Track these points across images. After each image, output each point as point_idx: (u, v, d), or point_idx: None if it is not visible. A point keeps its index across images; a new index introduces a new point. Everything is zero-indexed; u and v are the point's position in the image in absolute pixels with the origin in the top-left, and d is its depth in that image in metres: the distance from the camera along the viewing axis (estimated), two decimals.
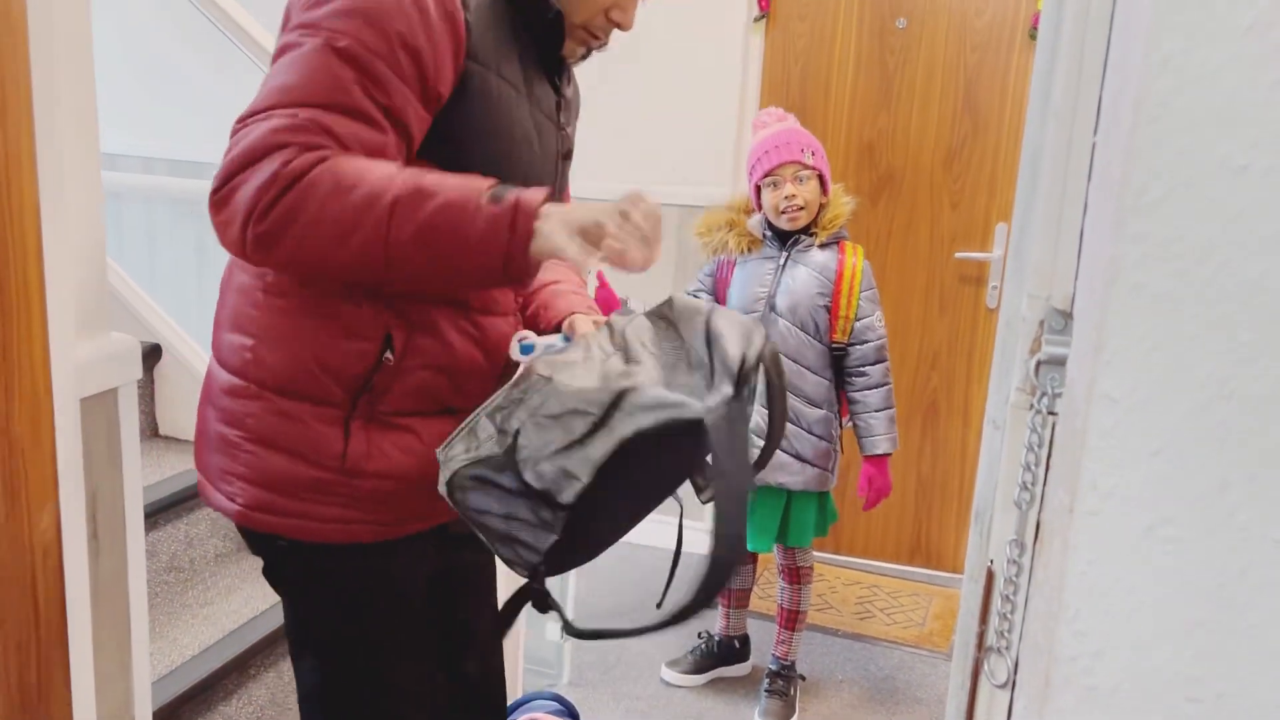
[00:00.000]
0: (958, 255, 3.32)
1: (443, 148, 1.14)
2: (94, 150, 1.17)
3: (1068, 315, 0.70)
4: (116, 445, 1.24)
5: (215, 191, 1.04)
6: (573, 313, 1.33)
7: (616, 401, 1.03)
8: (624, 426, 1.02)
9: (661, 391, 1.04)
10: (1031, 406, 0.71)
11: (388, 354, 1.15)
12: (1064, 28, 0.68)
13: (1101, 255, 0.61)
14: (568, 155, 1.36)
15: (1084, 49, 0.65)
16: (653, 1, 1.41)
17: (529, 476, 1.05)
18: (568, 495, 1.04)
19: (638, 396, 1.03)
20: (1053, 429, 0.71)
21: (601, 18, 1.26)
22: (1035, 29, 3.09)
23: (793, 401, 2.38)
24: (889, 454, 2.42)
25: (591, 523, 1.12)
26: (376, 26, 1.06)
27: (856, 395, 2.41)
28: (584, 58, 1.34)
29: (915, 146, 3.31)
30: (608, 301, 2.31)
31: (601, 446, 1.03)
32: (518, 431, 1.06)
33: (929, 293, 3.38)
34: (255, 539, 1.25)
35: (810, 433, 2.41)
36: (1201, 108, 0.57)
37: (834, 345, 2.40)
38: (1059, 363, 0.70)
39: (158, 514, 2.12)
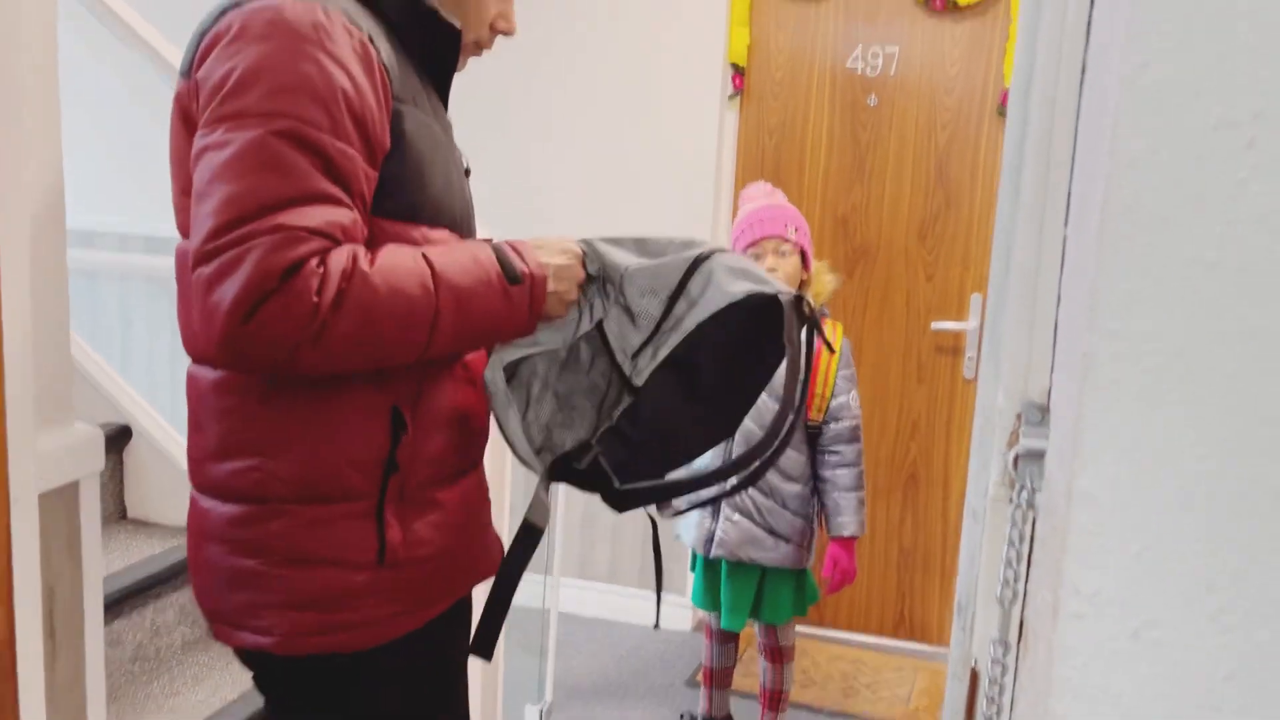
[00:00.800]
0: (934, 326, 3.34)
1: (388, 191, 1.12)
2: (59, 233, 1.16)
3: (1045, 409, 0.69)
4: (76, 540, 1.21)
5: (238, 326, 0.96)
6: None
7: (691, 272, 1.19)
8: (715, 296, 1.17)
9: (741, 259, 1.23)
10: (1011, 500, 0.70)
11: (404, 427, 1.14)
12: (1031, 122, 0.68)
13: (1076, 351, 0.60)
14: (469, 172, 1.35)
15: (1051, 144, 0.66)
16: (631, 77, 1.45)
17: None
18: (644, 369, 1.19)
19: (729, 258, 1.20)
20: (1033, 524, 0.69)
21: (488, 30, 1.28)
22: (1003, 106, 3.15)
23: (770, 476, 2.36)
24: (856, 537, 2.40)
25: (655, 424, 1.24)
26: (314, 98, 1.01)
27: (827, 474, 2.39)
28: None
29: (889, 219, 3.34)
30: None
31: (691, 317, 1.17)
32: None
33: (906, 363, 3.39)
34: (285, 666, 1.16)
35: (786, 508, 2.39)
36: (1170, 205, 0.57)
37: (809, 423, 2.39)
38: (1038, 456, 0.69)
39: (123, 601, 2.06)
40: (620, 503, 1.22)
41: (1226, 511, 0.58)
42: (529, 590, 3.56)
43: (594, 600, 3.55)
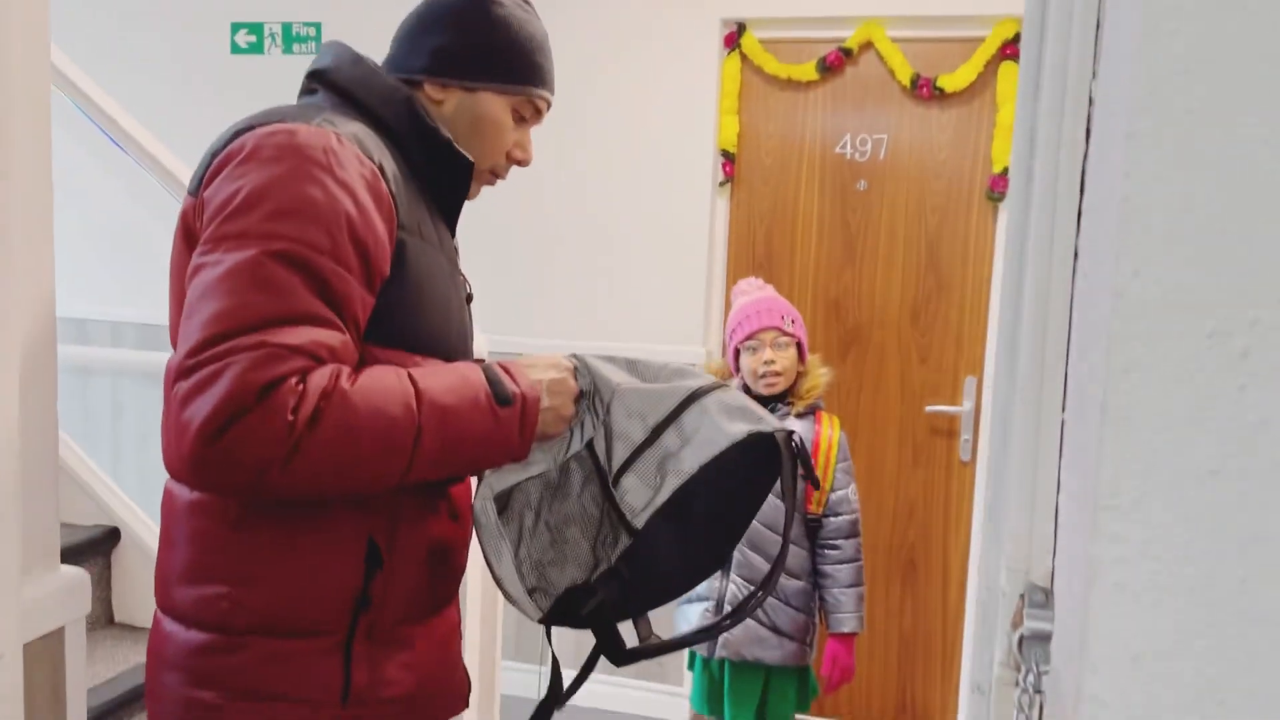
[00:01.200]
0: (929, 408, 3.34)
1: (383, 319, 1.11)
2: (51, 378, 1.15)
3: (1048, 591, 0.68)
4: (61, 688, 1.18)
5: (209, 442, 0.93)
6: None
7: (685, 405, 1.18)
8: (714, 435, 1.15)
9: (739, 396, 1.22)
10: (1017, 684, 0.69)
11: (379, 561, 1.10)
12: (1024, 317, 0.68)
13: (1080, 552, 0.60)
14: (470, 298, 1.35)
15: (1045, 337, 0.65)
16: (622, 165, 1.48)
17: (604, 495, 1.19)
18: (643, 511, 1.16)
19: (727, 395, 1.19)
20: (1040, 708, 0.68)
21: (504, 160, 1.32)
22: (992, 191, 3.19)
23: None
24: (855, 634, 2.37)
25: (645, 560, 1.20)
26: (316, 221, 1.01)
27: (828, 569, 2.37)
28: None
29: (881, 302, 3.36)
30: None
31: (691, 457, 1.15)
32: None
33: (902, 446, 3.38)
34: None
35: (789, 605, 2.36)
36: (1169, 412, 0.56)
37: (809, 516, 2.37)
38: (1043, 639, 0.68)
39: (110, 714, 2.02)
40: (620, 658, 1.20)
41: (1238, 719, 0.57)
42: (522, 680, 3.50)
43: (585, 690, 3.49)
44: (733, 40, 3.33)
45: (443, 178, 1.23)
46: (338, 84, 1.22)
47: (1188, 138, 0.55)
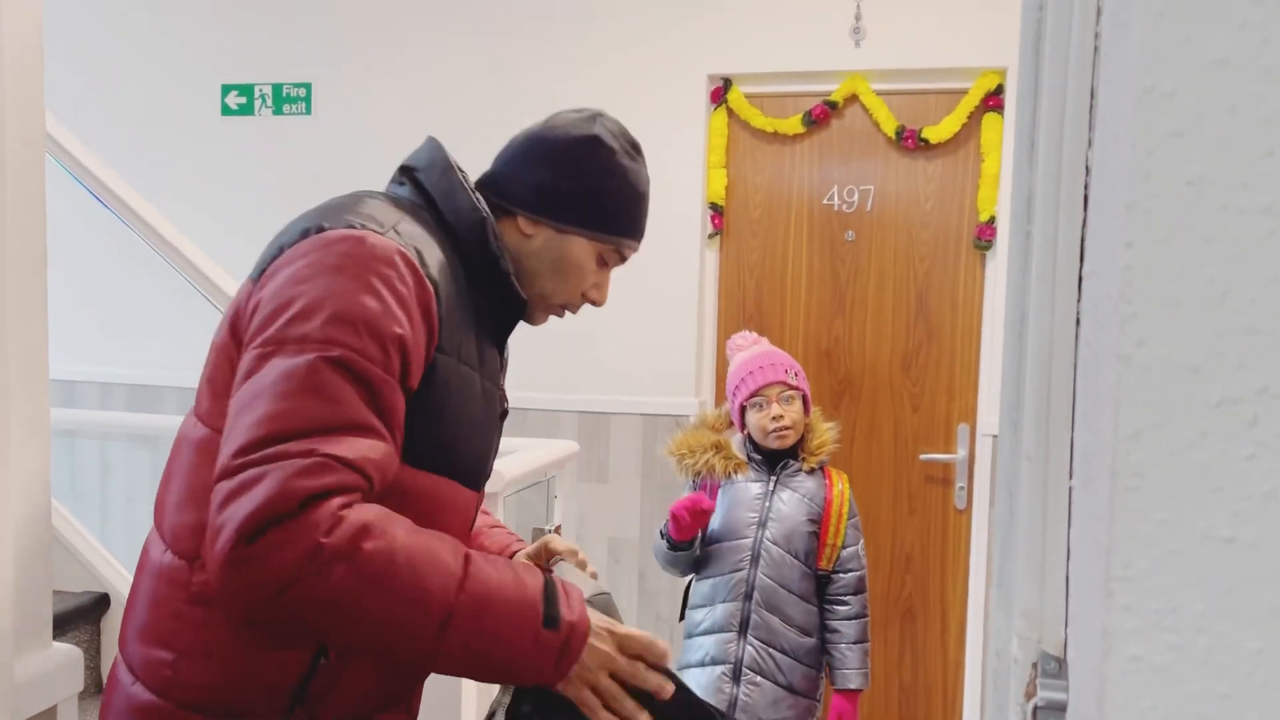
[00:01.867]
0: (923, 457, 3.33)
1: (409, 445, 1.10)
2: (44, 454, 1.14)
3: (1061, 660, 0.67)
4: None
5: (240, 544, 0.91)
6: (510, 549, 1.40)
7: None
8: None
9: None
10: None
11: (322, 658, 1.07)
12: (1027, 370, 0.68)
13: (1094, 623, 0.59)
14: (504, 414, 1.34)
15: (1050, 405, 0.65)
16: None
17: None
18: None
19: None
20: None
21: (579, 297, 1.32)
22: (979, 239, 3.21)
23: (786, 632, 2.31)
24: (861, 690, 2.34)
25: None
26: (372, 332, 1.01)
27: (835, 624, 2.35)
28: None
29: (872, 352, 3.37)
30: None
31: None
32: None
33: (897, 495, 3.37)
34: None
35: (802, 663, 2.33)
36: (1179, 480, 0.56)
37: (819, 572, 2.35)
38: (1058, 709, 0.67)
39: None
40: None
41: None
42: None
43: None
44: (719, 95, 3.37)
45: (497, 304, 1.25)
46: (423, 186, 1.24)
47: (1188, 208, 0.55)
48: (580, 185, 1.26)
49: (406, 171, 1.27)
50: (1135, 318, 0.56)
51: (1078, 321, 0.65)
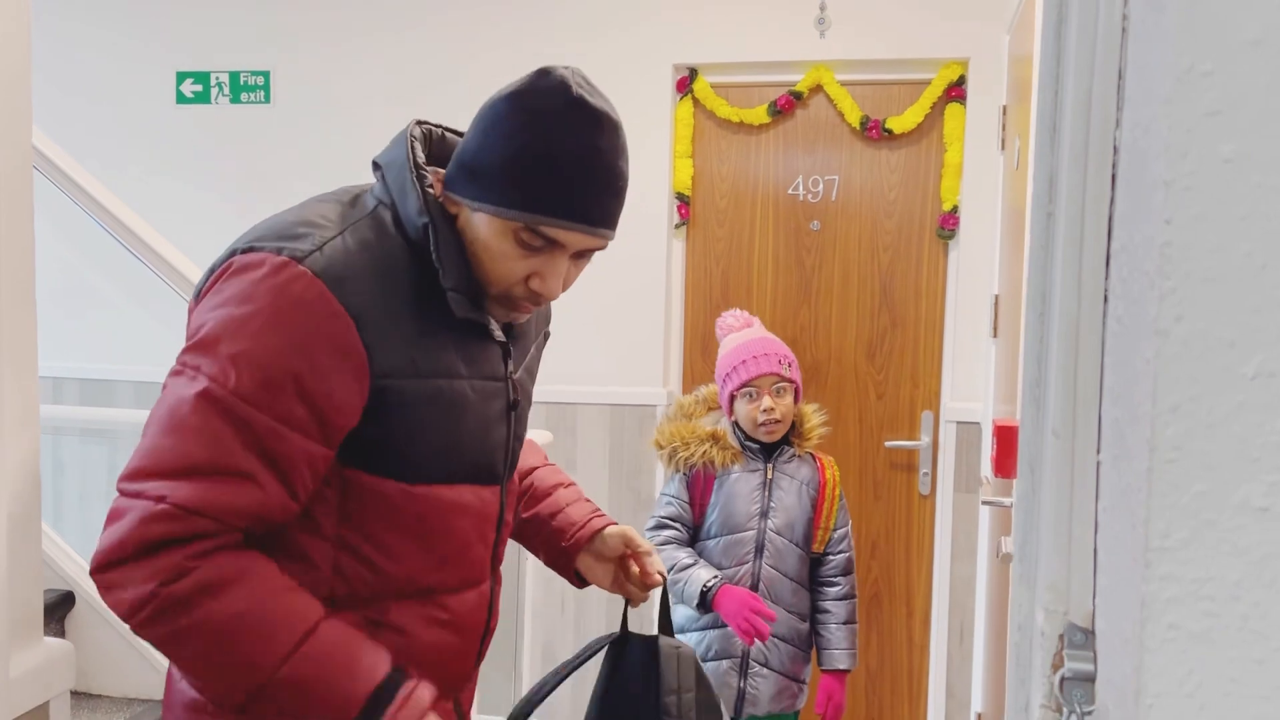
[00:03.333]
0: (887, 444, 3.37)
1: (373, 451, 1.11)
2: (33, 448, 1.11)
3: (1089, 632, 0.69)
4: None
5: (97, 572, 1.01)
6: (593, 526, 1.42)
7: None
8: None
9: None
10: None
11: None
12: (1051, 345, 0.69)
13: (1129, 593, 0.60)
14: (515, 404, 1.28)
15: (1076, 382, 0.66)
16: None
17: None
18: None
19: None
20: None
21: (521, 286, 1.17)
22: (942, 228, 3.25)
23: (788, 619, 2.32)
24: (849, 670, 2.36)
25: None
26: (264, 375, 1.02)
27: (826, 605, 2.36)
28: (525, 317, 1.26)
29: (838, 340, 3.40)
30: None
31: None
32: None
33: (863, 481, 3.41)
34: None
35: (797, 647, 2.34)
36: (1216, 452, 0.58)
37: (813, 554, 2.37)
38: (1086, 679, 0.68)
39: None
40: None
41: None
42: None
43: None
44: (685, 85, 3.37)
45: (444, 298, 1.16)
46: (387, 184, 1.17)
47: (1226, 185, 0.56)
48: (491, 151, 1.11)
49: (376, 167, 1.20)
50: (1173, 293, 0.57)
51: (1105, 299, 0.67)
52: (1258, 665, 0.58)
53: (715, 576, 2.20)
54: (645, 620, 3.33)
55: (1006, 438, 1.99)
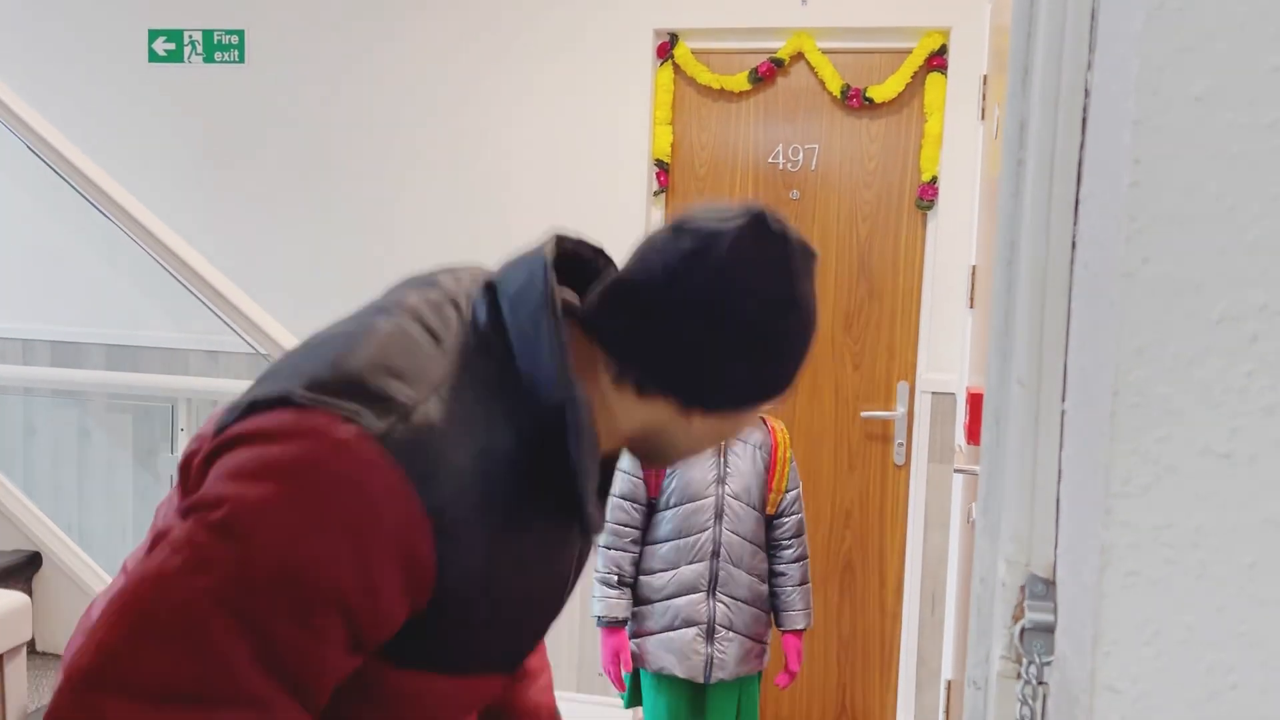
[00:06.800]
0: (863, 414, 3.37)
1: (407, 644, 0.88)
2: None
3: (1049, 582, 0.68)
4: None
5: None
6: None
7: None
8: None
9: None
10: (1020, 676, 0.69)
11: None
12: (1018, 294, 0.68)
13: (1089, 541, 0.60)
14: (571, 589, 1.06)
15: (1044, 319, 0.66)
16: (556, 176, 1.33)
17: None
18: None
19: None
20: (1044, 700, 0.68)
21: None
22: (921, 199, 3.25)
23: (752, 584, 2.34)
24: (806, 629, 2.38)
25: None
26: (299, 585, 0.78)
27: (781, 568, 2.38)
28: None
29: None
30: None
31: None
32: None
33: (838, 451, 3.41)
34: None
35: (759, 609, 2.36)
36: (1179, 397, 0.57)
37: (768, 517, 2.38)
38: (1045, 629, 0.68)
39: None
40: None
41: (1251, 701, 0.57)
42: None
43: None
44: (665, 51, 3.34)
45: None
46: (503, 321, 0.93)
47: (1196, 124, 0.55)
48: (772, 363, 1.00)
49: (491, 290, 0.96)
50: (1140, 234, 0.56)
51: (1074, 245, 0.66)
52: (1216, 612, 0.57)
53: (607, 614, 2.33)
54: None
55: (979, 404, 1.99)
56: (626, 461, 2.36)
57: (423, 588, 0.83)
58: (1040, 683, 0.68)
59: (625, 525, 2.33)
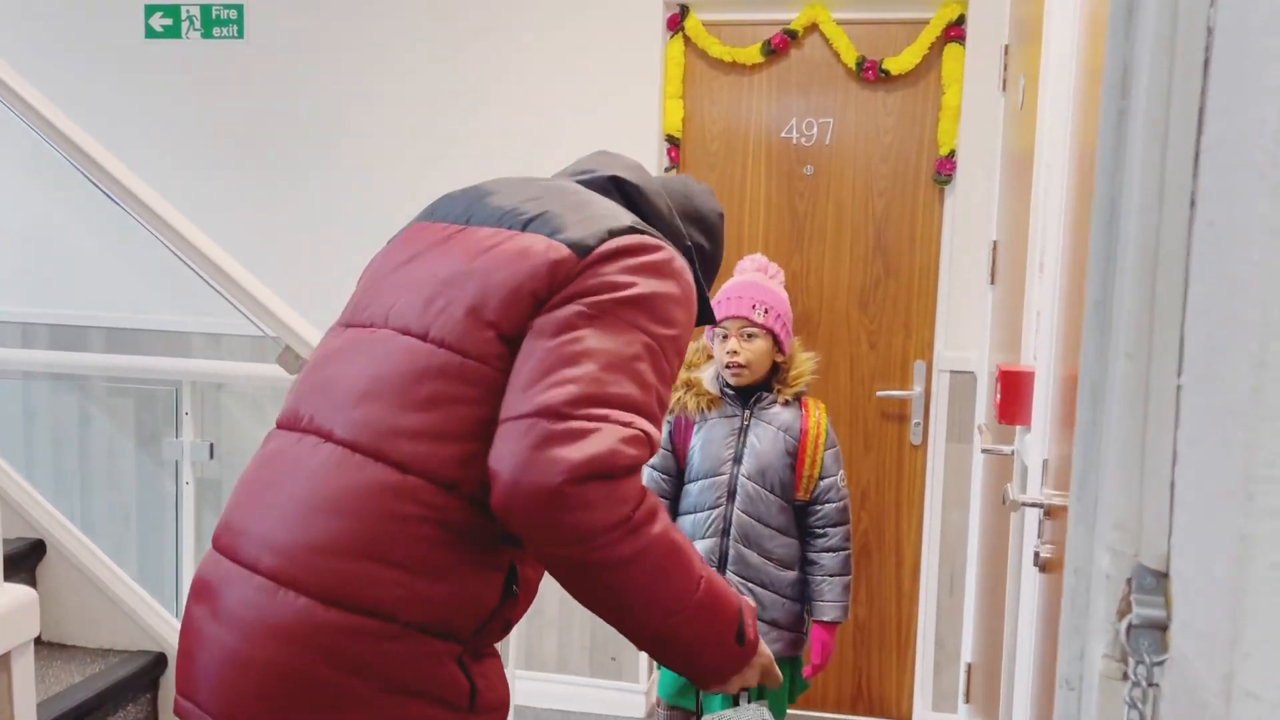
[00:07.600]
0: (879, 393, 3.32)
1: None
2: None
3: (1162, 575, 0.62)
4: (8, 718, 1.06)
5: (575, 483, 1.01)
6: None
7: None
8: None
9: None
10: (1127, 677, 0.63)
11: (514, 585, 1.16)
12: (1122, 268, 0.62)
13: (1223, 530, 0.54)
14: None
15: (1154, 296, 0.59)
16: (566, 150, 1.53)
17: None
18: None
19: None
20: (1154, 703, 0.62)
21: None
22: (939, 174, 3.17)
23: (765, 566, 2.28)
24: (839, 622, 2.32)
25: None
26: (677, 342, 1.19)
27: (814, 556, 2.32)
28: None
29: (830, 288, 3.32)
30: None
31: None
32: None
33: (854, 431, 3.35)
34: None
35: (784, 596, 2.30)
36: None
37: (796, 503, 2.32)
38: (1157, 626, 0.62)
39: None
40: None
41: None
42: (533, 688, 3.38)
43: (542, 691, 3.41)
44: (676, 23, 3.26)
45: None
46: (649, 214, 1.35)
47: None
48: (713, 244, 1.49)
49: (618, 183, 1.36)
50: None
51: (1192, 203, 0.59)
52: None
53: None
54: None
55: (1013, 382, 1.93)
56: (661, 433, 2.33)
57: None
58: (1151, 684, 0.62)
59: (659, 496, 2.29)
